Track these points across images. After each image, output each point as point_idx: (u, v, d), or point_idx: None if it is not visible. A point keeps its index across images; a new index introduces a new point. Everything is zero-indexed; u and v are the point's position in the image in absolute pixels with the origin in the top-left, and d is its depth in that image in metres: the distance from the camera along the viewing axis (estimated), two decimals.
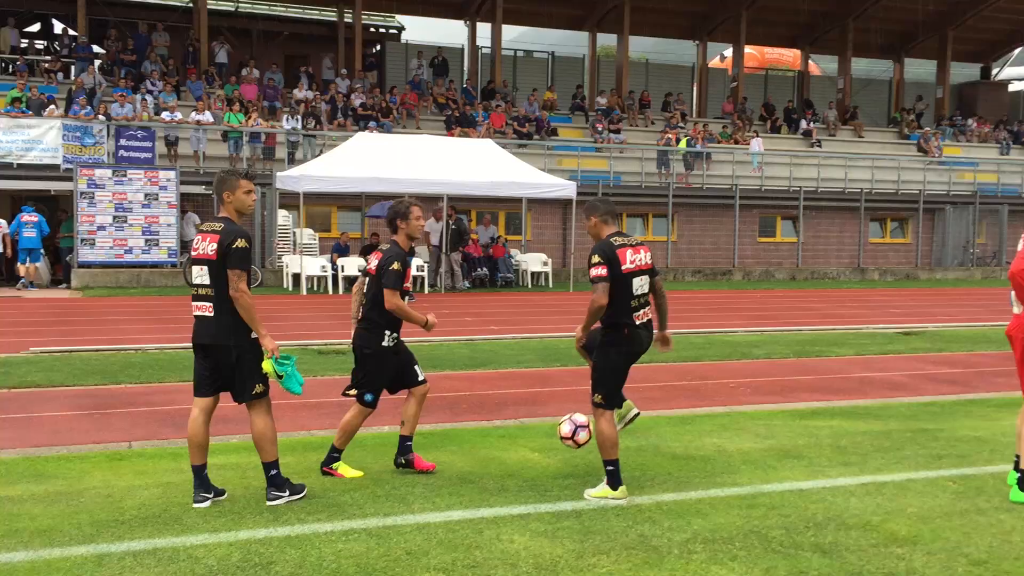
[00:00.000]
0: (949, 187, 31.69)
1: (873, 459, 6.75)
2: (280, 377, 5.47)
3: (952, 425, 7.99)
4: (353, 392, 6.20)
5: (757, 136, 30.63)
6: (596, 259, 5.61)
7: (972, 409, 8.82)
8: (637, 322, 5.72)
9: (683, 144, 28.95)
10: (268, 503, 5.48)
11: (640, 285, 5.73)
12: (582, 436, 5.99)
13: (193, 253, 5.54)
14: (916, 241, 30.49)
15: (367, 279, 6.23)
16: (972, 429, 7.83)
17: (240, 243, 5.34)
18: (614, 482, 5.69)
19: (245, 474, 6.20)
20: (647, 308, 5.82)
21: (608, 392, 5.74)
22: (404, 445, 6.28)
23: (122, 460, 6.63)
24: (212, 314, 5.40)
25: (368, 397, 6.14)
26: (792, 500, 5.70)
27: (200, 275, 5.43)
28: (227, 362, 5.44)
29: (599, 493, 5.70)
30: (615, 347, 5.72)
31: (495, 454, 6.83)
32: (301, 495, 5.60)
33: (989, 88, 41.09)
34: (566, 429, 6.01)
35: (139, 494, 5.66)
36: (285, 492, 5.56)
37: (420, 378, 6.27)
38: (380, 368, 6.14)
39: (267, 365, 5.41)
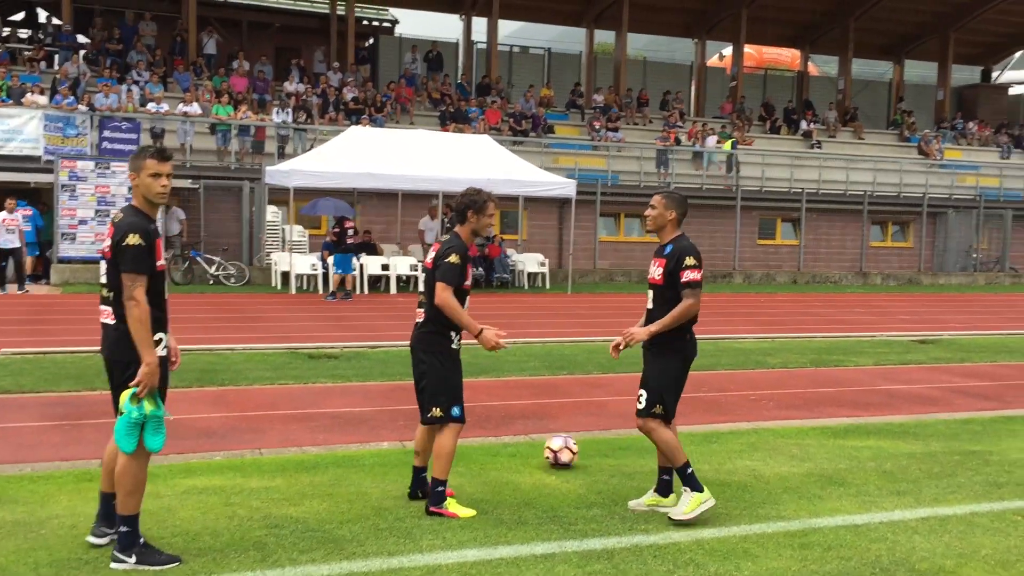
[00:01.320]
0: (951, 191, 31.16)
1: (927, 487, 6.10)
2: (120, 414, 4.38)
3: (1000, 447, 7.35)
4: (438, 413, 5.33)
5: (712, 133, 29.85)
6: (693, 261, 5.34)
7: (1016, 428, 8.20)
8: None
9: (728, 146, 28.29)
10: (111, 564, 4.43)
11: None
12: (564, 457, 6.14)
13: (103, 246, 4.58)
14: (919, 245, 29.94)
15: (426, 275, 5.47)
16: (1023, 451, 7.21)
17: (131, 239, 4.33)
18: (696, 484, 5.23)
19: (229, 500, 5.51)
20: None
21: (672, 403, 5.37)
22: (420, 477, 5.58)
23: (92, 480, 5.92)
24: (113, 321, 4.46)
25: (456, 411, 5.33)
26: (849, 539, 5.04)
27: (103, 273, 4.53)
28: (118, 383, 4.47)
29: (690, 507, 5.16)
30: (682, 354, 5.34)
31: (507, 477, 6.15)
32: (161, 567, 4.40)
33: (989, 91, 40.57)
34: (556, 443, 6.00)
35: None
36: (131, 558, 4.40)
37: None
38: (455, 371, 5.36)
39: (123, 395, 4.37)
